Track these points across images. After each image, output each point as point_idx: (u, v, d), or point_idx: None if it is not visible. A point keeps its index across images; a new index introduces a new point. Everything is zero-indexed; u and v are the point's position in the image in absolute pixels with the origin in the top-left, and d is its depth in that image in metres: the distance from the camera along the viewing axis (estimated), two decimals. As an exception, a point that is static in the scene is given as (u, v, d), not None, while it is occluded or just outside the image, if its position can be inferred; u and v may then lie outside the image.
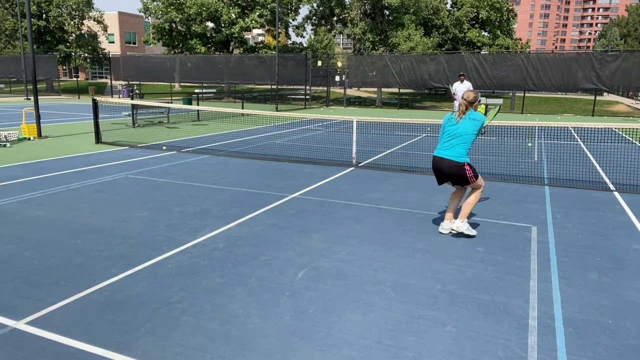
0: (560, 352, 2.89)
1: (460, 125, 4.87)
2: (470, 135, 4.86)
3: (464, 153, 4.83)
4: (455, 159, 4.83)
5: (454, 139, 4.88)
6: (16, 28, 38.98)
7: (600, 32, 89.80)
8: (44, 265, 4.05)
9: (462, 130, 4.85)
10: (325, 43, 53.09)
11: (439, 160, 4.95)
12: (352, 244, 4.72)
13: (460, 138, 4.85)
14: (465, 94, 4.94)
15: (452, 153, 4.86)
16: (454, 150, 4.87)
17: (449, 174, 4.94)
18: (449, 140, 4.94)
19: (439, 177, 5.09)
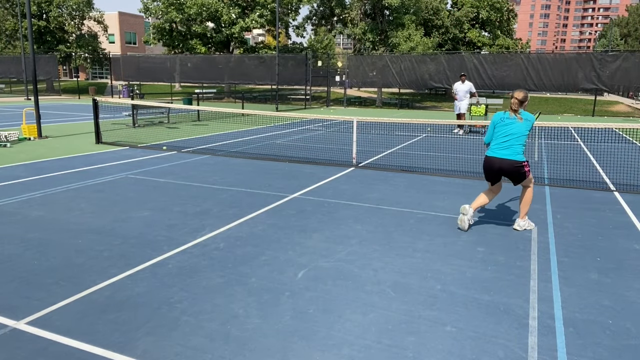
0: (560, 352, 2.89)
1: (515, 125, 5.05)
2: (524, 136, 5.06)
3: (521, 151, 5.05)
4: (516, 157, 5.03)
5: (512, 138, 5.05)
6: (16, 28, 38.99)
7: (600, 32, 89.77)
8: (44, 265, 4.05)
9: (517, 130, 5.04)
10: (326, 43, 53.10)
11: (499, 161, 5.08)
12: (352, 244, 4.72)
13: (516, 138, 5.04)
14: (516, 93, 5.08)
15: (511, 152, 5.04)
16: (512, 149, 5.04)
17: (509, 172, 5.09)
18: (506, 141, 5.08)
19: (495, 176, 5.22)
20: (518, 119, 5.06)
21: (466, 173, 8.54)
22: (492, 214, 5.91)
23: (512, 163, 5.01)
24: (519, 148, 5.03)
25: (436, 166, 9.16)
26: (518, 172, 5.07)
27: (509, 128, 5.08)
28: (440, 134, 14.87)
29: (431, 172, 8.55)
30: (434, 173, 8.52)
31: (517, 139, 5.03)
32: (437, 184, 7.61)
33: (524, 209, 5.25)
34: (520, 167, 5.05)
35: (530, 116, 5.10)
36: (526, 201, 5.25)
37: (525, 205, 5.25)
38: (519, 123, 5.05)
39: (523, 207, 5.25)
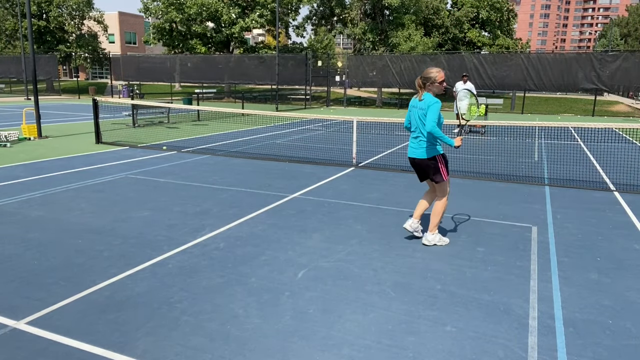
0: (560, 352, 2.89)
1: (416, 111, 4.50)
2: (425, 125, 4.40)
3: (424, 145, 4.48)
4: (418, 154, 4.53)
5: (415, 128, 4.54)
6: (16, 28, 38.99)
7: (600, 32, 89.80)
8: (44, 265, 4.05)
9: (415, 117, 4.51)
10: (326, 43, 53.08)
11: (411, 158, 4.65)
12: (352, 244, 4.72)
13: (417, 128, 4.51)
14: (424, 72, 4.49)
15: (416, 146, 4.56)
16: (417, 142, 4.55)
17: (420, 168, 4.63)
18: (413, 131, 4.60)
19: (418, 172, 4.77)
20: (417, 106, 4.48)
21: (466, 173, 8.54)
22: (492, 214, 5.91)
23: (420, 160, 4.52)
24: (422, 142, 4.47)
25: (436, 166, 9.15)
26: (428, 168, 4.51)
27: (412, 114, 4.53)
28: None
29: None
30: (434, 173, 8.50)
31: (418, 129, 4.49)
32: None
33: (433, 220, 4.59)
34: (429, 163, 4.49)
35: (431, 100, 4.36)
36: (436, 211, 4.59)
37: (435, 215, 4.59)
38: (416, 112, 4.47)
39: (433, 217, 4.60)
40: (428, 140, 4.45)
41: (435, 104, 4.35)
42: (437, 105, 4.36)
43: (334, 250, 4.54)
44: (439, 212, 4.57)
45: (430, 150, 4.47)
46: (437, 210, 4.59)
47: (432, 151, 4.48)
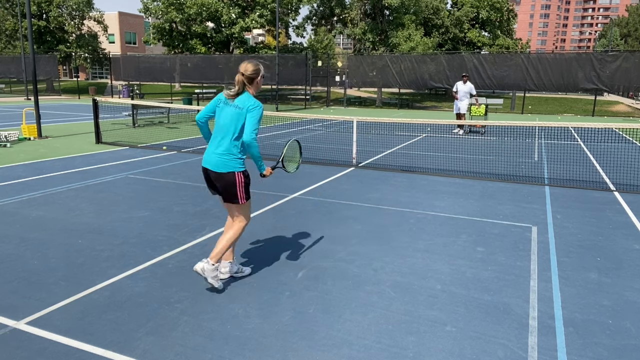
0: (560, 352, 2.89)
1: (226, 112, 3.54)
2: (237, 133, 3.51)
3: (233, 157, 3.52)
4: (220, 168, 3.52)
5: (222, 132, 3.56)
6: (16, 28, 38.99)
7: (600, 32, 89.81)
8: (44, 265, 4.05)
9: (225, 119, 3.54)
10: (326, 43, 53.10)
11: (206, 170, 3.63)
12: (352, 244, 4.72)
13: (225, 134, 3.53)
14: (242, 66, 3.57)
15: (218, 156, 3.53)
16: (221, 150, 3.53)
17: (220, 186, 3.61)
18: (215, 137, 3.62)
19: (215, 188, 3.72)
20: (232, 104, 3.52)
21: (466, 173, 8.54)
22: (492, 214, 5.91)
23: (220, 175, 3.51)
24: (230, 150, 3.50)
25: (436, 166, 9.16)
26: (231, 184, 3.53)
27: (223, 112, 3.56)
28: (440, 134, 14.86)
29: (431, 172, 8.55)
30: (434, 173, 8.52)
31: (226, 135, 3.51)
32: (437, 184, 7.61)
33: (219, 245, 3.58)
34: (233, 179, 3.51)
35: (253, 102, 3.49)
36: (228, 236, 3.60)
37: (225, 241, 3.59)
38: (231, 110, 3.51)
39: (220, 242, 3.59)
40: (237, 150, 3.52)
41: (258, 108, 3.48)
42: (260, 110, 3.49)
43: (334, 250, 4.54)
44: (231, 238, 3.60)
45: (232, 162, 3.51)
46: (229, 236, 3.61)
47: (237, 164, 3.52)
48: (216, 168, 3.52)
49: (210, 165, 3.55)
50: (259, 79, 3.59)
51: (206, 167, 3.60)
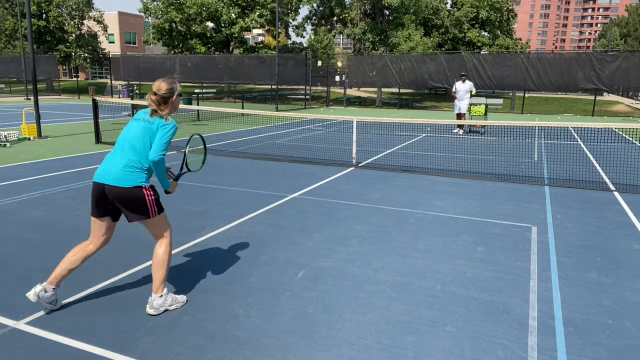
0: (560, 352, 2.89)
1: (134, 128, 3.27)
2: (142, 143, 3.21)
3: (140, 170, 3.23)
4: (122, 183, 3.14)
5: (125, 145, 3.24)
6: (16, 28, 38.98)
7: (600, 32, 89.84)
8: (44, 265, 4.04)
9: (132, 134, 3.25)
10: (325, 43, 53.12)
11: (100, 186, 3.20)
12: (352, 244, 4.72)
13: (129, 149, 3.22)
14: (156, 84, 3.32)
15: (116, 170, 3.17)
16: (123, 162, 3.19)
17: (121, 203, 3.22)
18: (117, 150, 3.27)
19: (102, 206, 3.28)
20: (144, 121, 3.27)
21: (466, 173, 8.54)
22: (492, 214, 5.91)
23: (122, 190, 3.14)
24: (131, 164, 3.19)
25: (436, 166, 9.16)
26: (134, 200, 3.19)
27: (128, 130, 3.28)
28: (440, 134, 14.87)
29: (431, 172, 8.56)
30: (434, 173, 8.52)
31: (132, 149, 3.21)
32: (437, 184, 7.61)
33: (158, 276, 3.26)
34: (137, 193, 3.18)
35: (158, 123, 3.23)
36: (159, 262, 3.27)
37: (159, 268, 3.27)
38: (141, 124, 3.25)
39: (156, 272, 3.27)
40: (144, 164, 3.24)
41: (170, 126, 3.27)
42: (171, 128, 3.28)
43: (334, 250, 4.54)
44: (163, 261, 3.27)
45: (137, 176, 3.19)
46: (160, 259, 3.27)
47: (140, 177, 3.20)
48: (118, 182, 3.11)
49: (110, 180, 3.12)
50: (174, 98, 3.32)
51: (102, 183, 3.14)
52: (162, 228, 3.35)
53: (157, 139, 3.21)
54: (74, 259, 3.25)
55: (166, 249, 3.31)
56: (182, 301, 3.39)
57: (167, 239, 3.36)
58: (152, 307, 3.24)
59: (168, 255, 3.30)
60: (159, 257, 3.27)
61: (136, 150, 3.19)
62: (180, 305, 3.36)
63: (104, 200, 3.21)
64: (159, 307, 3.24)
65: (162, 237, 3.36)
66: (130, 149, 3.19)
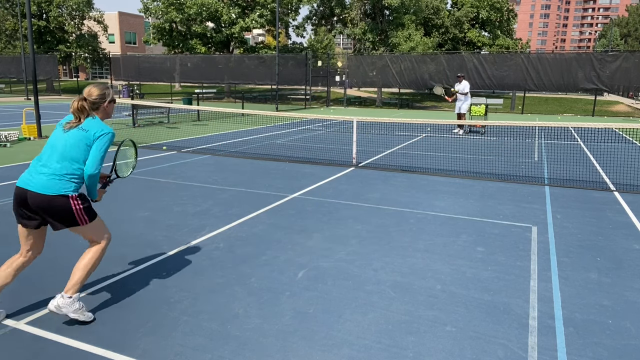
0: (560, 352, 2.89)
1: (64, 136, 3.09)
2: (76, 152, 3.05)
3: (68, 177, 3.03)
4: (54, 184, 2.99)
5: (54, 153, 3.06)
6: (16, 28, 39.00)
7: (600, 32, 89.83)
8: (44, 265, 4.05)
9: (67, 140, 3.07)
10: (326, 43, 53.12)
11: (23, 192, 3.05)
12: (352, 244, 4.72)
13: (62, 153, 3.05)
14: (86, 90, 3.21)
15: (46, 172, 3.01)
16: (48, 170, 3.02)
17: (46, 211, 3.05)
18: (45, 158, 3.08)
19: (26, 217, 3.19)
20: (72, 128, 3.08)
21: (466, 173, 8.54)
22: (492, 214, 5.91)
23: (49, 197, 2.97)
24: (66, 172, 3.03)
25: (436, 166, 9.16)
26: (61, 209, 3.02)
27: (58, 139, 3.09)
28: (440, 134, 14.87)
29: (431, 172, 8.56)
30: (434, 173, 8.52)
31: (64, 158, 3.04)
32: (437, 184, 7.61)
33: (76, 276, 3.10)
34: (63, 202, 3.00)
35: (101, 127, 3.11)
36: (85, 264, 3.15)
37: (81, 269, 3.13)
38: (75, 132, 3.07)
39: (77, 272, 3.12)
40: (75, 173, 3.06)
41: (106, 135, 3.11)
42: (108, 137, 3.12)
43: (334, 250, 4.54)
44: (88, 264, 3.15)
45: (65, 184, 3.01)
46: (85, 262, 3.16)
47: (67, 186, 3.02)
48: (43, 190, 2.95)
49: (35, 187, 2.97)
50: (106, 104, 3.22)
51: (26, 189, 3.00)
52: (97, 235, 3.22)
53: (94, 151, 3.07)
54: (6, 272, 3.12)
55: (95, 255, 3.19)
56: (88, 317, 3.11)
57: (102, 245, 3.24)
58: (56, 305, 3.02)
59: (95, 262, 3.18)
60: (84, 260, 3.15)
61: (67, 159, 3.03)
62: (84, 319, 3.08)
63: (26, 207, 3.06)
64: (62, 308, 3.02)
65: (97, 243, 3.24)
66: (60, 157, 3.03)
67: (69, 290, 3.06)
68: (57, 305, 3.02)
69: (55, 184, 2.98)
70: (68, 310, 3.03)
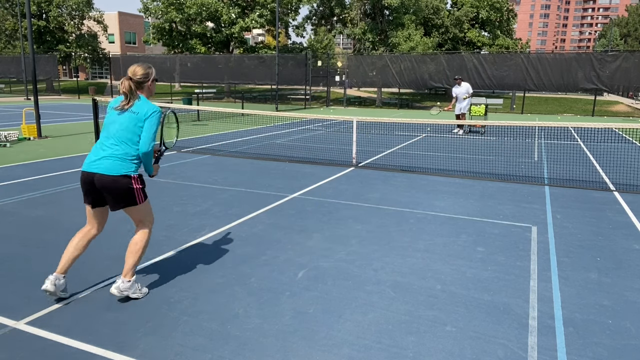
0: (560, 352, 2.89)
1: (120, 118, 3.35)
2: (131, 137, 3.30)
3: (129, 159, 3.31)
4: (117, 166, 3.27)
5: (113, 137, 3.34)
6: (16, 28, 38.99)
7: (600, 32, 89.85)
8: (44, 265, 4.04)
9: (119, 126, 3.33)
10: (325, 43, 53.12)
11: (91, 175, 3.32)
12: (352, 244, 4.72)
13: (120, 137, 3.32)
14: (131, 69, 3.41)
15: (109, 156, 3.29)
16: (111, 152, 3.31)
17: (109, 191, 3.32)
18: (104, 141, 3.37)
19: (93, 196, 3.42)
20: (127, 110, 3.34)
21: (466, 173, 8.54)
22: (492, 214, 5.91)
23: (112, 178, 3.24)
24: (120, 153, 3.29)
25: (436, 166, 9.16)
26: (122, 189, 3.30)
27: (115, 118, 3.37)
28: (440, 134, 14.87)
29: (431, 172, 8.56)
30: (434, 173, 8.52)
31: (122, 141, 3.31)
32: (437, 184, 7.61)
33: (129, 261, 3.40)
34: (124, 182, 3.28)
35: (150, 107, 3.34)
36: (135, 249, 3.41)
37: (133, 255, 3.40)
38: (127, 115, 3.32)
39: (129, 257, 3.41)
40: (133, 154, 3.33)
41: (156, 114, 3.34)
42: (158, 115, 3.37)
43: (334, 250, 4.54)
44: (139, 249, 3.42)
45: (127, 165, 3.30)
46: (136, 247, 3.42)
47: (129, 166, 3.30)
48: (107, 171, 3.23)
49: (100, 169, 3.24)
50: (150, 83, 3.44)
51: (92, 172, 3.27)
52: (146, 216, 3.49)
53: (145, 130, 3.31)
54: (79, 245, 3.45)
55: (144, 237, 3.46)
56: (144, 292, 3.52)
57: (148, 228, 3.50)
58: (118, 288, 3.37)
59: (144, 244, 3.45)
60: (135, 245, 3.42)
61: (124, 141, 3.30)
62: (142, 295, 3.48)
63: (92, 189, 3.34)
64: (123, 291, 3.38)
65: (144, 226, 3.49)
66: (117, 139, 3.30)
67: (127, 274, 3.40)
68: (118, 288, 3.38)
69: (118, 165, 3.27)
70: (128, 292, 3.40)
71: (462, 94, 15.02)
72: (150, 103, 3.37)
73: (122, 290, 3.38)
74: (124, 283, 3.38)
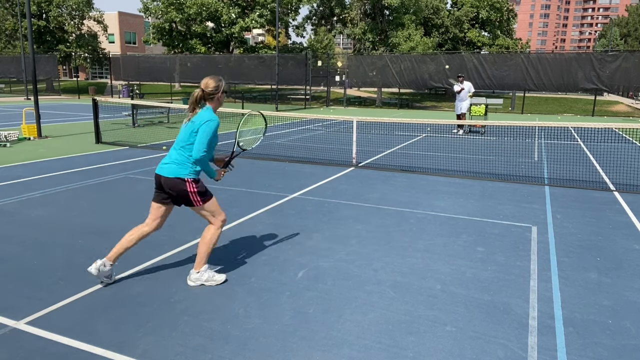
0: (560, 352, 2.89)
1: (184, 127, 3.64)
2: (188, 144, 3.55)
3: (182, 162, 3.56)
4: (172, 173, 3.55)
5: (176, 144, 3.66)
6: (16, 28, 38.99)
7: (600, 32, 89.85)
8: (44, 265, 4.05)
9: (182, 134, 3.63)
10: (325, 43, 53.13)
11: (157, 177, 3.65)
12: (352, 244, 4.72)
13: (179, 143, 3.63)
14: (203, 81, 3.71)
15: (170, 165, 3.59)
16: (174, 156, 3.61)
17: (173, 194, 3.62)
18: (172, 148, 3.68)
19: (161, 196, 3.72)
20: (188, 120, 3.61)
21: (466, 173, 8.54)
22: (492, 214, 5.91)
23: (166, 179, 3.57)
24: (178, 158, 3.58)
25: (436, 166, 9.16)
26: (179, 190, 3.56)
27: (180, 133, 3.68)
28: (440, 134, 14.87)
29: (431, 172, 8.56)
30: (434, 173, 8.52)
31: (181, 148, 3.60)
32: (437, 184, 7.61)
33: (201, 252, 3.70)
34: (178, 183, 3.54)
35: (207, 115, 3.53)
36: (205, 240, 3.69)
37: (204, 245, 3.69)
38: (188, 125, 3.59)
39: (201, 248, 3.70)
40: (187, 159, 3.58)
41: (210, 122, 3.50)
42: (212, 124, 3.51)
43: (334, 250, 4.54)
44: (209, 242, 3.69)
45: (181, 169, 3.55)
46: (207, 239, 3.70)
47: (184, 170, 3.55)
48: (165, 173, 3.57)
49: (164, 172, 3.60)
50: (220, 95, 3.65)
51: (158, 174, 3.64)
52: (210, 214, 3.69)
53: (198, 137, 3.51)
54: (131, 238, 3.69)
55: (213, 232, 3.70)
56: (219, 280, 3.74)
57: (216, 224, 3.71)
58: (190, 279, 3.72)
59: (214, 238, 3.70)
60: (205, 238, 3.70)
61: (182, 147, 3.59)
62: (215, 283, 3.71)
63: (161, 188, 3.65)
64: (195, 281, 3.69)
65: (211, 223, 3.72)
66: (178, 146, 3.61)
67: (197, 266, 3.70)
68: (192, 279, 3.70)
69: (174, 169, 3.56)
70: (202, 281, 3.69)
71: (464, 92, 15.02)
72: (210, 113, 3.56)
73: (195, 280, 3.69)
74: (194, 274, 3.70)
